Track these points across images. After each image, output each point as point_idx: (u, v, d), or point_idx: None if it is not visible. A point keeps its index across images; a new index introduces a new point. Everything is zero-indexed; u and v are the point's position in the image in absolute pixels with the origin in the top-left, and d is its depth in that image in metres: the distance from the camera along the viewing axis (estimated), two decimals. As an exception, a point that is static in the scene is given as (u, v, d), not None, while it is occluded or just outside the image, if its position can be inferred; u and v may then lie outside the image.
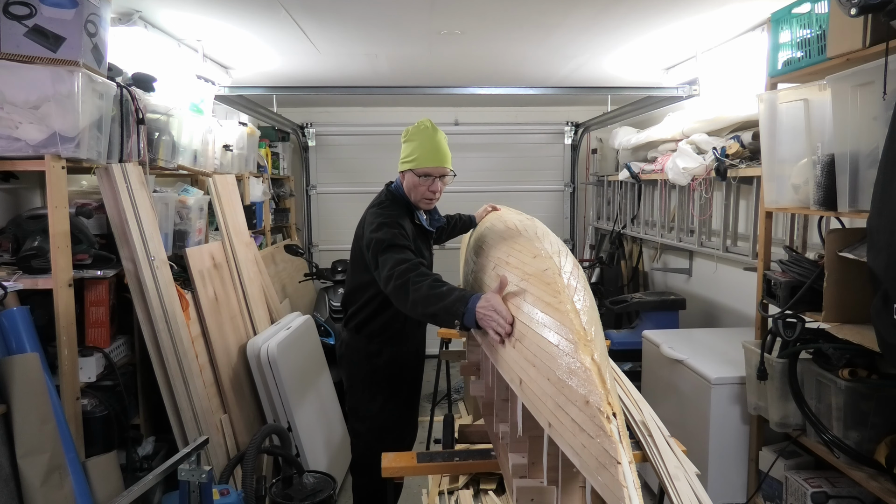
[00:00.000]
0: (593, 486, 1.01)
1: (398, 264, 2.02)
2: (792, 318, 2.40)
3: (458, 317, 1.72)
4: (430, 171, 2.39)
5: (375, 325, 2.51)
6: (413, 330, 2.61)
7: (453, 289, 1.84)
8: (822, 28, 2.27)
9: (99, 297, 2.45)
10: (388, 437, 2.52)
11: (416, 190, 2.42)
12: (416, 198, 2.45)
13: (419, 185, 2.40)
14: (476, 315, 1.63)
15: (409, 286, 1.92)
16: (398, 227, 2.24)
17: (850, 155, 2.05)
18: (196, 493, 2.06)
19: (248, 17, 3.09)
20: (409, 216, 2.44)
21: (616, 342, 3.94)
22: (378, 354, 2.53)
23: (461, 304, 1.71)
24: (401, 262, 2.03)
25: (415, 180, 2.40)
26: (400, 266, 2.01)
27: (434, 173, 2.40)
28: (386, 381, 2.55)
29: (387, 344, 2.54)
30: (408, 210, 2.45)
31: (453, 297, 1.77)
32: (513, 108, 6.23)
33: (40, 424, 2.01)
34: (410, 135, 2.44)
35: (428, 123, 2.43)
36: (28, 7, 2.08)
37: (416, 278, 1.93)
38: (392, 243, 2.13)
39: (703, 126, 3.63)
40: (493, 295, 1.62)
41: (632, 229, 5.01)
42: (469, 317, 1.67)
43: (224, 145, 3.93)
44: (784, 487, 2.55)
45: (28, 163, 2.16)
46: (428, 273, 1.99)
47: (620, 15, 3.06)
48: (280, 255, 5.02)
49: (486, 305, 1.60)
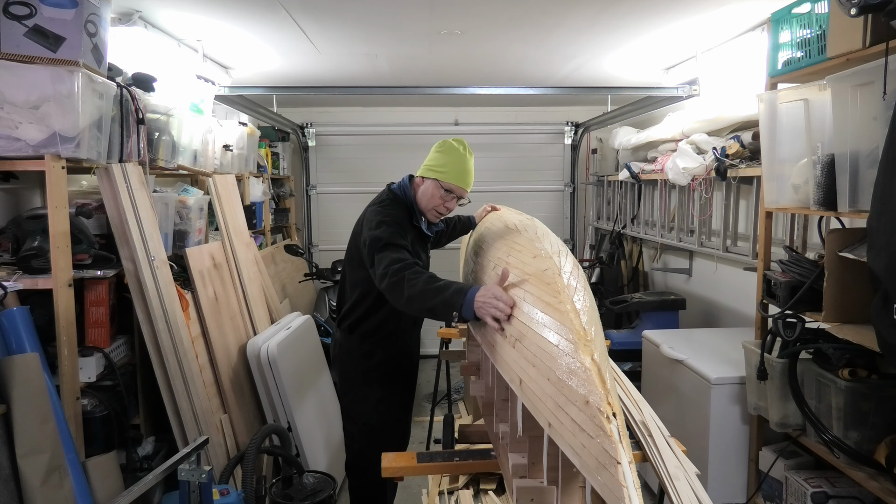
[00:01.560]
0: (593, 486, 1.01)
1: (393, 263, 2.04)
2: (792, 318, 2.40)
3: (457, 308, 1.72)
4: (454, 189, 2.42)
5: (369, 326, 2.51)
6: (407, 331, 2.60)
7: (451, 283, 1.86)
8: (822, 28, 2.27)
9: (99, 297, 2.45)
10: (379, 440, 2.50)
11: (433, 199, 2.43)
12: (428, 206, 2.46)
13: (438, 196, 2.42)
14: (475, 304, 1.64)
15: (404, 282, 1.94)
16: (397, 227, 2.25)
17: (850, 155, 2.05)
18: (196, 493, 2.06)
19: (248, 17, 3.09)
20: (409, 218, 2.45)
21: (616, 342, 3.94)
22: (371, 355, 2.53)
23: (459, 296, 1.72)
24: (396, 260, 2.05)
25: (436, 191, 2.42)
26: (395, 265, 2.02)
27: (456, 192, 2.43)
28: (378, 382, 2.54)
29: (379, 345, 2.53)
30: (408, 212, 2.46)
31: (451, 290, 1.79)
32: (513, 108, 6.23)
33: (40, 424, 2.00)
34: (446, 148, 2.46)
35: (465, 143, 2.48)
36: (28, 7, 2.08)
37: (411, 275, 1.95)
38: (389, 242, 2.15)
39: (703, 126, 3.63)
40: (493, 285, 1.63)
41: (632, 229, 5.01)
42: (468, 308, 1.68)
43: (224, 145, 3.93)
44: (784, 487, 2.55)
45: (28, 163, 2.16)
46: (423, 271, 2.01)
47: (620, 15, 3.06)
48: (280, 255, 5.02)
49: (485, 294, 1.61)
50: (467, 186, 2.45)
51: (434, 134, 6.23)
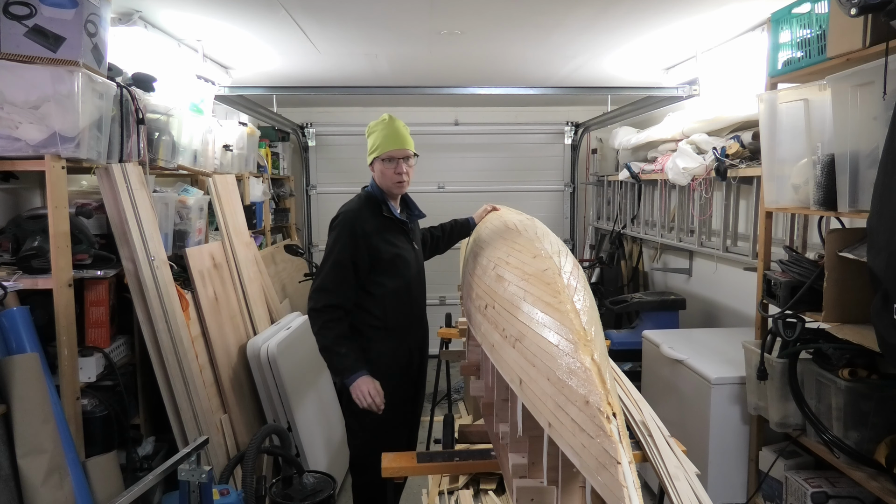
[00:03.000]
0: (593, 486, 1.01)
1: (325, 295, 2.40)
2: (792, 318, 2.40)
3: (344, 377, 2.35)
4: (392, 154, 2.52)
5: (369, 320, 2.51)
6: (410, 327, 2.60)
7: (349, 355, 2.35)
8: (822, 28, 2.27)
9: (99, 297, 2.45)
10: (384, 435, 2.50)
11: (385, 175, 2.54)
12: (387, 184, 2.55)
13: (386, 170, 2.53)
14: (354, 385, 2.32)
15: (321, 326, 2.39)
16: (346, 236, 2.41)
17: (850, 155, 2.05)
18: (196, 493, 2.06)
19: (248, 17, 3.09)
20: (378, 210, 2.52)
21: (616, 342, 3.93)
22: (369, 350, 2.52)
23: (348, 372, 2.34)
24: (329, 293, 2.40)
25: (381, 167, 2.53)
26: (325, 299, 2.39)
27: (397, 155, 2.52)
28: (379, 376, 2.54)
29: (380, 339, 2.53)
30: (377, 205, 2.53)
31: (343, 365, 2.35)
32: (513, 108, 6.23)
33: (40, 424, 2.01)
34: (371, 129, 2.61)
35: (386, 116, 2.59)
36: (28, 7, 2.08)
37: (329, 323, 2.38)
38: (332, 260, 2.41)
39: (703, 126, 3.63)
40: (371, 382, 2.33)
41: (632, 229, 5.01)
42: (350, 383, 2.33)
43: (224, 145, 3.93)
44: (784, 487, 2.55)
45: (28, 163, 2.16)
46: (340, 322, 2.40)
47: (620, 15, 3.06)
48: (280, 255, 5.02)
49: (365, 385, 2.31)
50: (404, 144, 2.53)
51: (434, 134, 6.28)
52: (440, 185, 6.02)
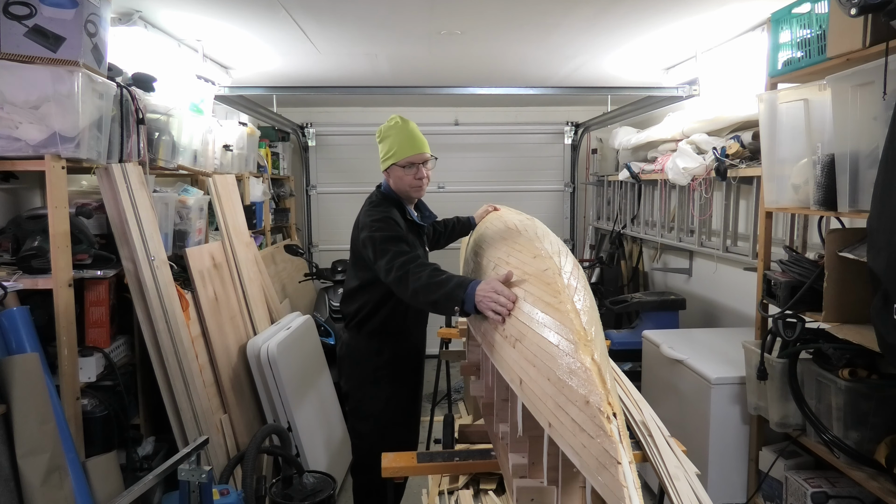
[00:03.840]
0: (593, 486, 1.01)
1: (397, 256, 2.11)
2: (792, 318, 2.40)
3: (458, 302, 1.77)
4: (412, 160, 2.45)
5: (375, 323, 2.52)
6: (413, 327, 2.62)
7: (452, 276, 1.90)
8: (822, 28, 2.27)
9: (99, 297, 2.45)
10: (391, 436, 2.53)
11: (403, 181, 2.48)
12: (404, 189, 2.50)
13: (405, 175, 2.47)
14: (476, 297, 1.67)
15: (409, 276, 2.00)
16: (392, 222, 2.30)
17: (850, 155, 2.05)
18: (196, 493, 2.06)
19: (248, 17, 3.09)
20: (401, 212, 2.49)
21: (616, 342, 3.94)
22: (379, 353, 2.54)
23: (461, 290, 1.76)
24: (399, 253, 2.12)
25: (400, 173, 2.47)
26: (399, 258, 2.09)
27: (416, 161, 2.46)
28: (388, 379, 2.55)
29: (387, 342, 2.55)
30: (399, 207, 2.50)
31: (453, 284, 1.83)
32: (513, 108, 6.23)
33: (40, 424, 2.00)
34: (384, 133, 2.52)
35: (398, 119, 2.51)
36: (28, 7, 2.08)
37: (415, 269, 2.01)
38: (389, 236, 2.21)
39: (703, 126, 3.63)
40: (493, 279, 1.67)
41: (632, 229, 5.01)
42: (469, 301, 1.72)
43: (224, 145, 3.93)
44: (784, 487, 2.55)
45: (28, 163, 2.16)
46: (427, 263, 2.06)
47: (620, 15, 3.06)
48: (280, 255, 5.02)
49: (486, 288, 1.65)
50: (421, 149, 2.47)
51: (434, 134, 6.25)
52: (440, 185, 6.02)
